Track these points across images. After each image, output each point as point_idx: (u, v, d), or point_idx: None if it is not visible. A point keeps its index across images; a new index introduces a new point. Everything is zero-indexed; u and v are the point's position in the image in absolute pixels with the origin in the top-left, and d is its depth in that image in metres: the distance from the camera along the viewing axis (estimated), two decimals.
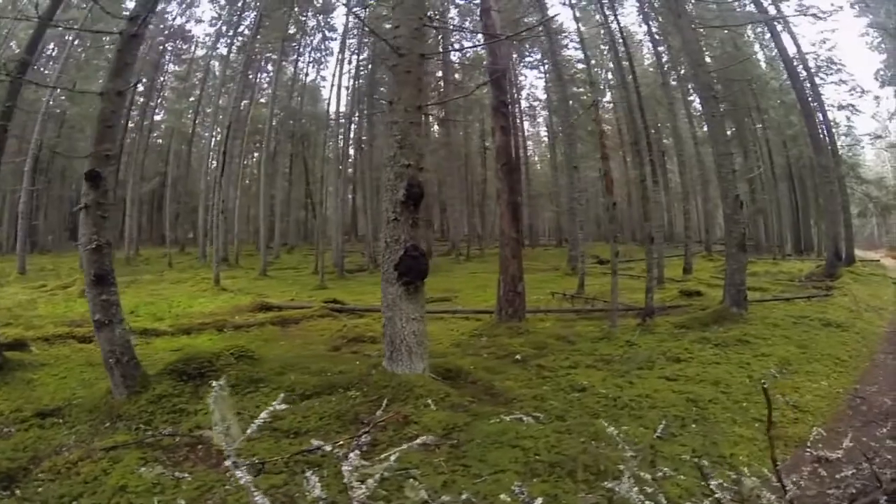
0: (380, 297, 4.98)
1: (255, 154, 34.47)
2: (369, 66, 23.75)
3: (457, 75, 29.19)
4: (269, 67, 26.03)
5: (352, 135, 31.04)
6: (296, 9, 21.67)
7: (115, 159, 4.67)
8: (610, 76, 28.09)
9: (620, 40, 14.42)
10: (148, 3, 4.28)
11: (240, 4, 22.22)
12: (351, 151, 34.50)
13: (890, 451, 3.51)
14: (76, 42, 17.35)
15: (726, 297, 8.48)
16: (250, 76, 25.12)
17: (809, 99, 16.33)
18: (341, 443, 3.30)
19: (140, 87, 27.58)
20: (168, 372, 4.65)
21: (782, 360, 5.85)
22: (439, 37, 24.02)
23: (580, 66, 31.85)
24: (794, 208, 27.62)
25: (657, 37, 18.84)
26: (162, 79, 30.89)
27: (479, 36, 9.25)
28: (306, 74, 31.10)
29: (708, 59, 19.96)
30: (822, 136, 16.43)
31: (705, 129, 19.22)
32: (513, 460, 3.09)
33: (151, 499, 2.78)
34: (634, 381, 5.05)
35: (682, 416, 4.09)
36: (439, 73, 28.80)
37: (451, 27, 19.11)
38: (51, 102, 19.21)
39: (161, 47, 28.57)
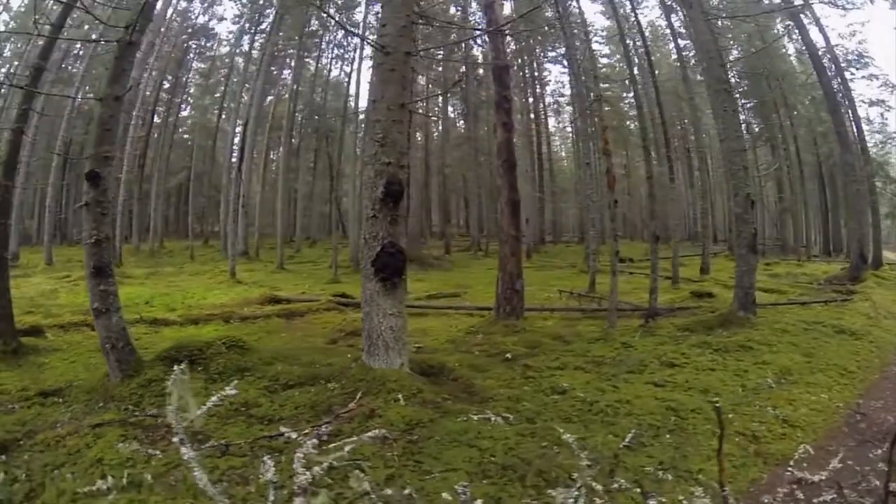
0: None
1: (281, 149, 35.15)
2: None
3: (480, 70, 28.96)
4: (293, 63, 26.45)
5: None
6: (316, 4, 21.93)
7: (113, 160, 4.88)
8: (635, 71, 27.35)
9: (632, 32, 14.00)
10: (141, 11, 4.45)
11: (261, 2, 22.60)
12: None
13: (880, 475, 3.22)
14: (102, 41, 18.02)
15: (734, 300, 8.21)
16: (274, 71, 25.54)
17: (839, 94, 15.53)
18: (306, 431, 3.40)
19: (166, 84, 28.47)
20: (161, 358, 4.87)
21: (783, 369, 5.53)
22: (464, 35, 23.89)
23: (604, 60, 31.23)
24: (823, 208, 26.41)
25: (680, 31, 18.27)
26: (187, 76, 31.73)
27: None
28: (329, 70, 31.44)
29: (735, 53, 19.27)
30: (850, 132, 15.61)
31: None
32: (466, 460, 3.09)
33: (123, 471, 2.95)
34: (619, 385, 4.92)
35: (658, 424, 3.91)
36: (462, 69, 28.66)
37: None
38: (78, 99, 20.08)
39: (185, 45, 29.34)
